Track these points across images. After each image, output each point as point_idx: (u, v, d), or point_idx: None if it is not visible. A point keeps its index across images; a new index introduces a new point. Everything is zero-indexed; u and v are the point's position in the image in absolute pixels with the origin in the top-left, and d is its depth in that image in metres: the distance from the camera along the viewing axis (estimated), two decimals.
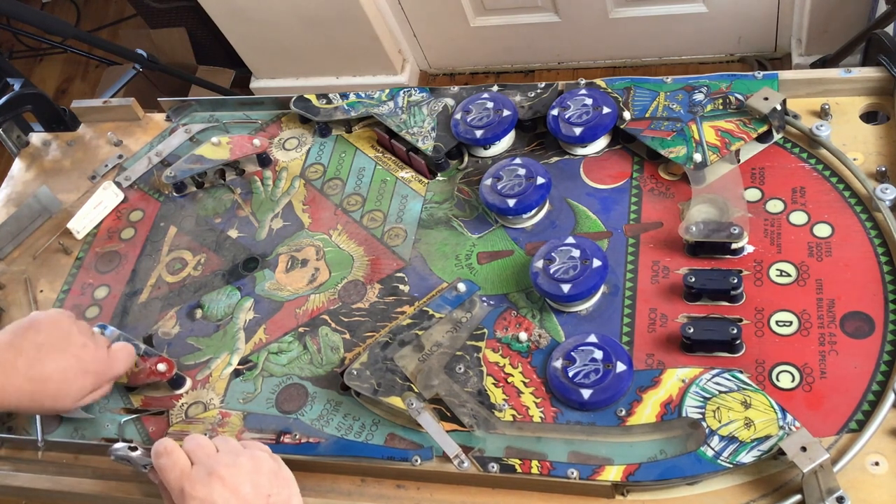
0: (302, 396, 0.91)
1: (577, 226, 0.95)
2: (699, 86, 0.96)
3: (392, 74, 2.28)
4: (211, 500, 0.69)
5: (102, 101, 1.28)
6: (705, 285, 0.84)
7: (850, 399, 0.76)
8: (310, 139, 1.14)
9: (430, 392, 0.84)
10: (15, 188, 1.25)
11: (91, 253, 1.12)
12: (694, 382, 0.78)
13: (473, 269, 0.95)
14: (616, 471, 0.76)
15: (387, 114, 1.07)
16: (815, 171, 0.91)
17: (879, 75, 0.93)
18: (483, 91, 1.04)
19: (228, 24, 2.19)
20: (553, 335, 0.87)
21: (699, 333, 0.81)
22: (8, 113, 1.23)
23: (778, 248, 0.86)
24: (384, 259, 0.99)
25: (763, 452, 0.73)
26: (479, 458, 0.81)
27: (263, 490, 0.71)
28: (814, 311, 0.82)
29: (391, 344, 0.88)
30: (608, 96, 0.98)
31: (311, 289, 0.99)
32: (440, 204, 1.02)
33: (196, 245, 1.08)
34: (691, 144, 0.92)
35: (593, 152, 1.00)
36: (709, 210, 0.90)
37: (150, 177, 1.17)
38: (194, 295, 1.03)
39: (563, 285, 0.85)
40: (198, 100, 1.22)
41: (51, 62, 2.91)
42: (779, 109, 0.91)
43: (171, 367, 0.93)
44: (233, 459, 0.73)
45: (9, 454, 0.99)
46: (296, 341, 0.95)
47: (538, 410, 0.82)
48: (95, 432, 0.95)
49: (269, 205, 1.09)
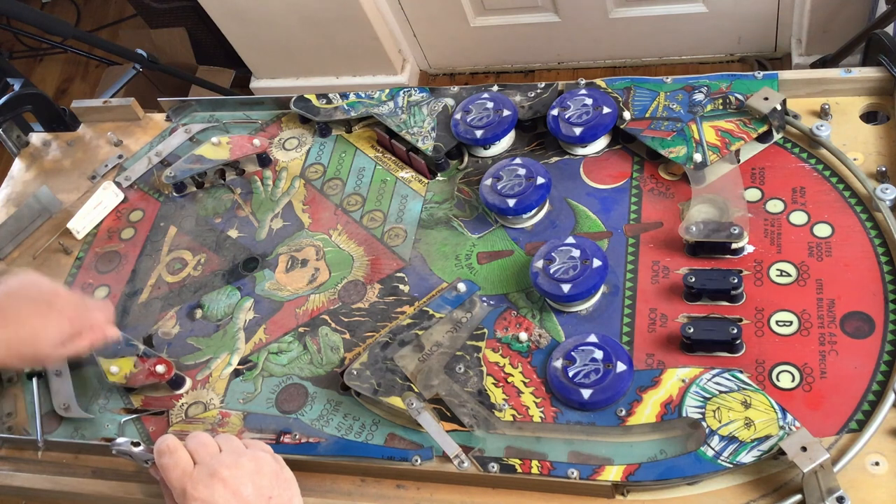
0: (302, 396, 0.91)
1: (577, 226, 0.95)
2: (699, 86, 0.96)
3: (392, 74, 2.28)
4: (212, 501, 0.69)
5: (102, 101, 1.28)
6: (705, 285, 0.84)
7: (850, 399, 0.76)
8: (310, 139, 1.14)
9: (430, 392, 0.84)
10: (15, 188, 1.25)
11: (91, 253, 1.12)
12: (694, 382, 0.78)
13: (473, 269, 0.95)
14: (616, 471, 0.76)
15: (387, 114, 1.07)
16: (815, 171, 0.91)
17: (879, 75, 0.93)
18: (483, 91, 1.04)
19: (228, 24, 2.19)
20: (553, 335, 0.87)
21: (699, 333, 0.81)
22: (8, 113, 1.23)
23: (778, 248, 0.86)
24: (384, 259, 0.99)
25: (763, 452, 0.73)
26: (479, 458, 0.81)
27: (265, 492, 0.71)
28: (814, 311, 0.82)
29: (391, 344, 0.88)
30: (608, 96, 0.98)
31: (311, 289, 0.99)
32: (440, 204, 1.02)
33: (196, 245, 1.08)
34: (691, 144, 0.92)
35: (593, 152, 1.00)
36: (709, 210, 0.90)
37: (150, 177, 1.17)
38: (194, 295, 1.03)
39: (563, 285, 0.85)
40: (198, 100, 1.22)
41: (51, 62, 2.91)
42: (779, 109, 0.91)
43: (169, 368, 0.93)
44: (235, 460, 0.73)
45: (9, 454, 0.99)
46: (296, 341, 0.95)
47: (538, 410, 0.82)
48: (95, 432, 0.95)
49: (269, 205, 1.09)
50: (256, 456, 0.74)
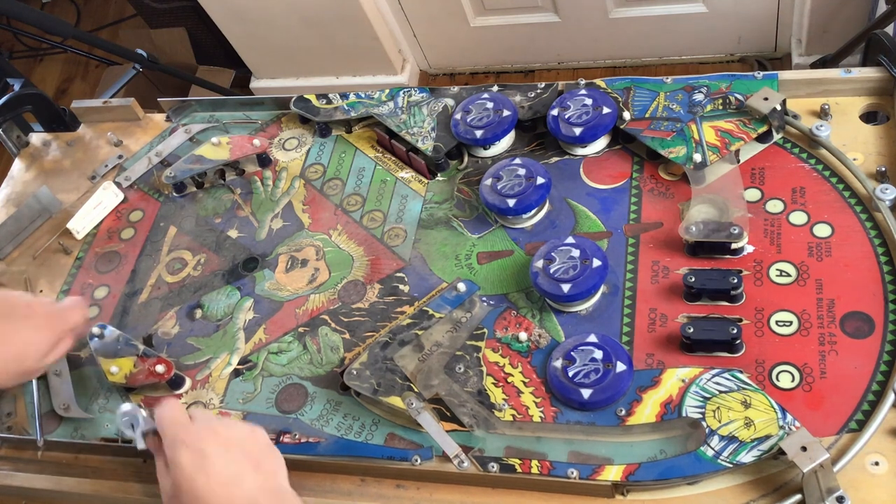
0: (302, 396, 0.91)
1: (577, 226, 0.95)
2: (699, 86, 0.96)
3: (392, 74, 2.28)
4: (200, 447, 0.70)
5: (102, 102, 1.28)
6: (705, 285, 0.84)
7: (850, 399, 0.76)
8: (310, 139, 1.14)
9: (430, 392, 0.84)
10: (15, 188, 1.25)
11: (91, 253, 1.12)
12: (694, 382, 0.78)
13: (473, 269, 0.95)
14: (616, 470, 0.76)
15: (387, 114, 1.07)
16: (815, 171, 0.91)
17: (879, 75, 0.93)
18: (483, 91, 1.04)
19: (228, 24, 2.19)
20: (553, 335, 0.87)
21: (699, 333, 0.81)
22: (8, 113, 1.23)
23: (778, 248, 0.86)
24: (384, 259, 0.99)
25: (763, 452, 0.73)
26: (479, 457, 0.81)
27: (255, 456, 0.72)
28: (814, 311, 0.82)
29: (391, 344, 0.88)
30: (608, 96, 0.98)
31: (311, 289, 0.99)
32: (440, 204, 1.02)
33: (196, 245, 1.08)
34: (691, 144, 0.92)
35: (593, 152, 1.00)
36: (709, 210, 0.90)
37: (150, 177, 1.17)
38: (194, 295, 1.03)
39: (563, 285, 0.85)
40: (198, 100, 1.22)
41: (51, 62, 2.91)
42: (779, 109, 0.91)
43: (169, 368, 0.93)
44: (231, 423, 0.76)
45: (9, 454, 0.99)
46: (296, 341, 0.95)
47: (538, 410, 0.82)
48: (95, 432, 0.95)
49: (269, 205, 1.09)
50: (253, 427, 0.76)
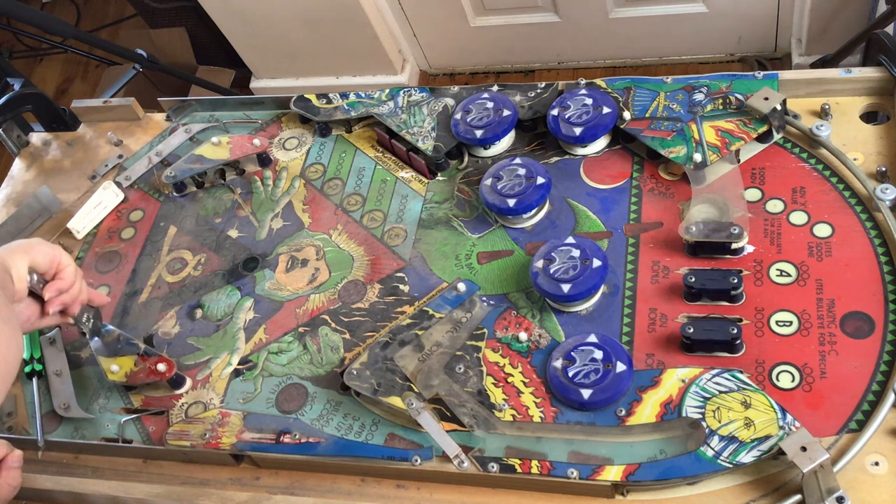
0: (302, 396, 0.91)
1: (577, 226, 0.95)
2: (699, 86, 0.96)
3: (392, 74, 2.28)
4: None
5: (102, 101, 1.28)
6: (705, 285, 0.84)
7: (850, 399, 0.76)
8: (310, 139, 1.14)
9: (430, 392, 0.84)
10: (15, 188, 1.25)
11: (91, 253, 1.12)
12: (694, 382, 0.78)
13: (473, 269, 0.95)
14: (616, 471, 0.76)
15: (387, 114, 1.07)
16: (815, 171, 0.91)
17: (879, 75, 0.93)
18: (483, 91, 1.04)
19: (228, 24, 2.19)
20: (553, 335, 0.87)
21: (699, 333, 0.81)
22: (8, 113, 1.23)
23: (778, 248, 0.86)
24: (384, 259, 0.99)
25: (763, 452, 0.73)
26: (479, 458, 0.81)
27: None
28: (814, 311, 0.82)
29: (391, 344, 0.88)
30: (608, 96, 0.98)
31: (311, 289, 0.99)
32: (440, 204, 1.02)
33: (196, 245, 1.08)
34: (691, 144, 0.92)
35: (593, 152, 1.00)
36: (709, 210, 0.90)
37: (150, 177, 1.17)
38: (194, 295, 1.03)
39: (563, 285, 0.85)
40: (198, 100, 1.22)
41: (51, 62, 2.91)
42: (779, 109, 0.91)
43: (170, 367, 0.93)
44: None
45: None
46: (296, 341, 0.95)
47: (538, 410, 0.82)
48: (95, 432, 0.95)
49: (269, 205, 1.09)
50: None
